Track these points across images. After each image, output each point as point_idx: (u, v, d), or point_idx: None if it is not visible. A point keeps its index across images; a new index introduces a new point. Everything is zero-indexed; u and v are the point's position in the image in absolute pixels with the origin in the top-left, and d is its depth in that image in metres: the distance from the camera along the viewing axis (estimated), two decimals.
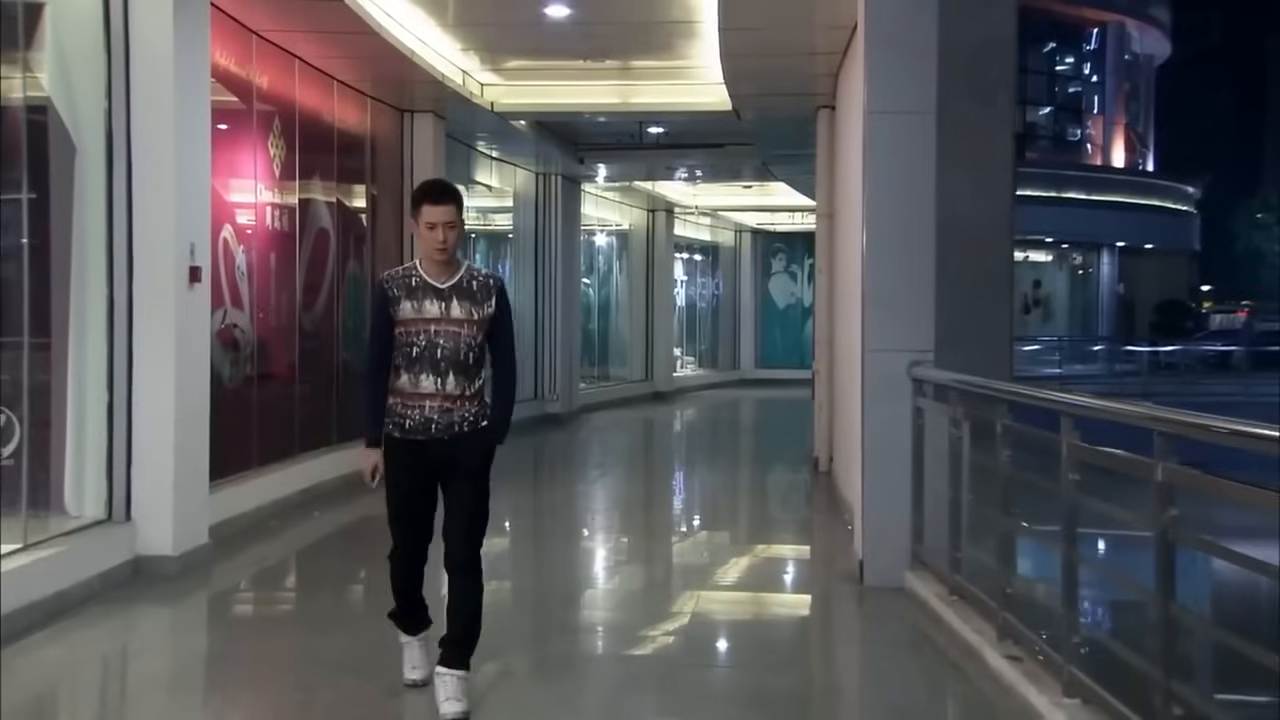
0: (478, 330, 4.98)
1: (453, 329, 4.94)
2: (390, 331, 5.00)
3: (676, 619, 7.24)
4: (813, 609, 7.92)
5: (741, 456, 17.56)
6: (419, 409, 4.95)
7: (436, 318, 4.94)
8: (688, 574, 8.79)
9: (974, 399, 6.39)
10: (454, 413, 4.96)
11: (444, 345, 4.93)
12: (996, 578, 5.89)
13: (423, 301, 4.95)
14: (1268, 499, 3.32)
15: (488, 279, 5.10)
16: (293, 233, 10.60)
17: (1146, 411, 4.09)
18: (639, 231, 24.79)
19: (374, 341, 5.08)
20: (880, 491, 7.61)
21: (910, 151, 7.49)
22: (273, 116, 10.20)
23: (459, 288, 4.99)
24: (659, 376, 24.62)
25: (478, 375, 5.02)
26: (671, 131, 15.89)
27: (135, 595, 7.25)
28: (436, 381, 4.94)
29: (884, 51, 7.62)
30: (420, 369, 4.94)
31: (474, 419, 5.02)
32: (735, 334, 30.16)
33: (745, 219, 28.80)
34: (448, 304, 4.95)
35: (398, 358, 4.99)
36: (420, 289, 4.97)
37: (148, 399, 7.63)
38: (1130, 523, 4.33)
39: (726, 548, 10.03)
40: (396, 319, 4.98)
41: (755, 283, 30.51)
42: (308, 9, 9.30)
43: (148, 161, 7.62)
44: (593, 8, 10.54)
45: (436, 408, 4.95)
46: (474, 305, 4.98)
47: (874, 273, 7.67)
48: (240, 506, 9.13)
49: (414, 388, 4.95)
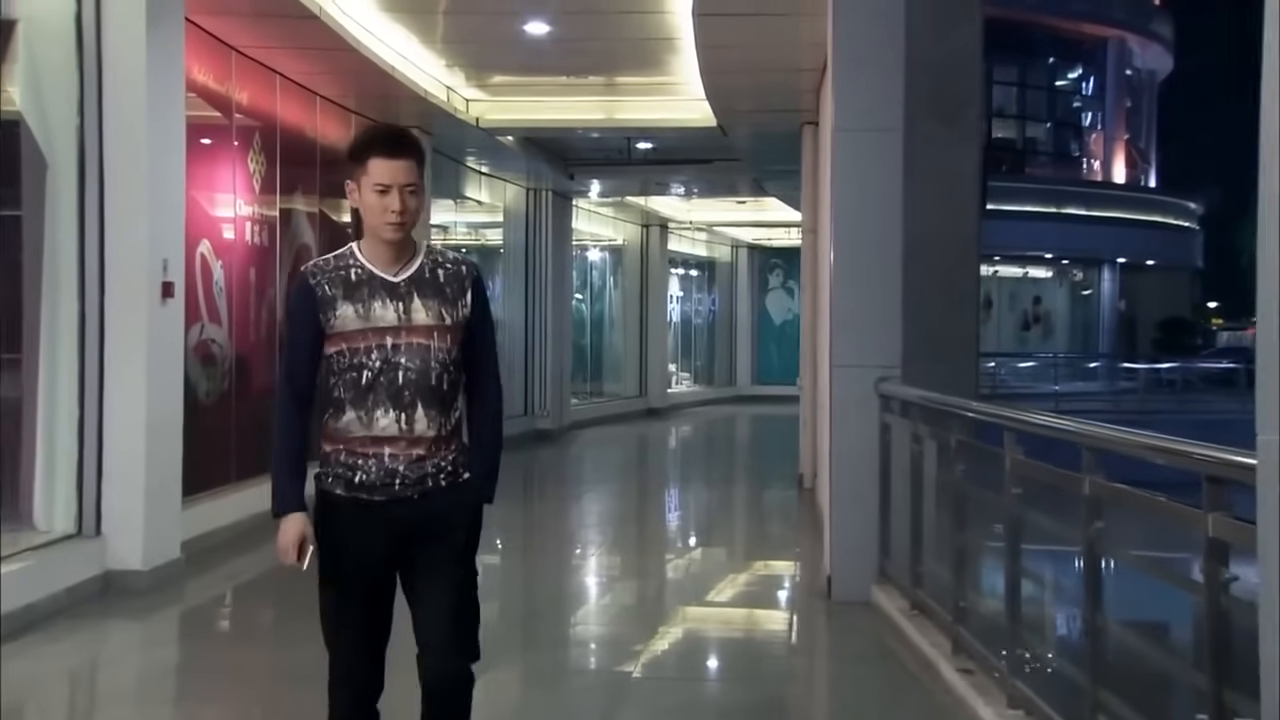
0: (452, 340, 3.53)
1: (418, 341, 3.48)
2: (318, 349, 3.52)
3: (643, 633, 7.27)
4: (780, 624, 7.94)
5: (730, 474, 17.57)
6: (376, 458, 3.48)
7: (393, 325, 3.47)
8: (662, 590, 8.82)
9: (933, 414, 6.43)
10: (427, 462, 3.50)
11: (407, 366, 3.47)
12: (951, 592, 5.93)
13: (370, 303, 3.48)
14: (1192, 515, 3.34)
15: (458, 264, 3.63)
16: (273, 247, 10.64)
17: (1073, 427, 4.14)
18: (633, 247, 24.85)
19: (292, 364, 3.55)
20: (848, 507, 7.64)
21: (877, 168, 7.53)
22: (253, 132, 10.26)
23: (420, 279, 3.53)
24: (653, 392, 24.65)
25: (454, 405, 3.59)
26: (660, 147, 15.95)
27: (104, 610, 7.27)
28: (400, 419, 3.47)
29: (851, 70, 7.68)
30: (375, 402, 3.46)
31: (453, 468, 3.56)
32: (731, 350, 30.18)
33: (741, 234, 28.86)
34: (407, 304, 3.49)
35: (337, 388, 3.50)
36: (365, 284, 3.49)
37: (119, 414, 7.66)
38: (1065, 537, 4.35)
39: (702, 565, 10.06)
40: (332, 331, 3.48)
41: (752, 298, 30.55)
42: (287, 26, 9.36)
43: (120, 177, 7.66)
44: (573, 25, 10.60)
45: (402, 456, 3.48)
46: (444, 304, 3.53)
47: (841, 289, 7.71)
48: (217, 521, 9.15)
49: (366, 429, 3.48)
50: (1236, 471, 2.99)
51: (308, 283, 3.54)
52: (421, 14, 10.54)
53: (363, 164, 3.49)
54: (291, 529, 3.46)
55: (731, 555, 10.55)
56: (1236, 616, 3.15)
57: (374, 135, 3.57)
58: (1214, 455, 3.16)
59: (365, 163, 3.48)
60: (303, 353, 3.56)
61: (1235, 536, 3.09)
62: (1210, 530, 3.21)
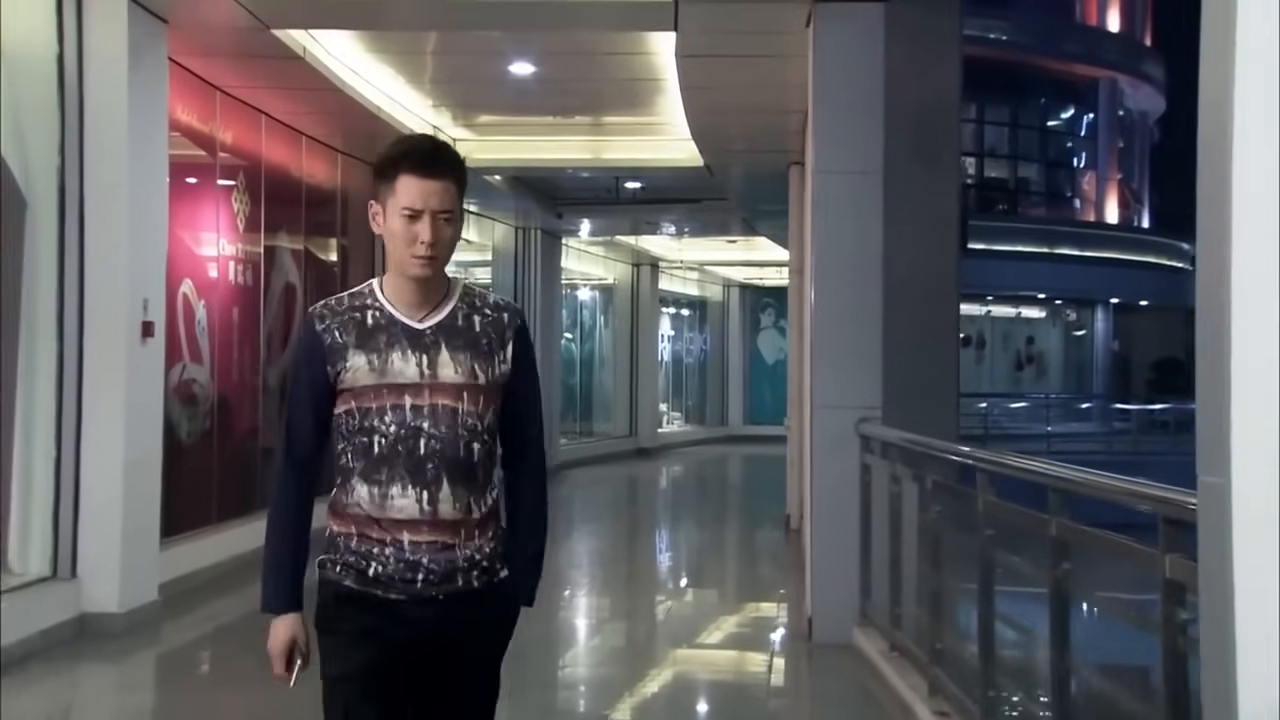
0: (484, 402, 2.92)
1: (443, 403, 2.87)
2: (327, 406, 2.94)
3: (627, 675, 7.21)
4: (761, 666, 7.88)
5: (718, 515, 17.50)
6: (393, 547, 2.86)
7: (414, 382, 2.87)
8: (646, 632, 8.77)
9: (909, 455, 6.41)
10: (457, 552, 2.88)
11: (430, 432, 2.86)
12: (928, 634, 5.90)
13: (388, 354, 2.88)
14: (1150, 556, 3.32)
15: (500, 310, 3.01)
16: (257, 287, 10.63)
17: (1037, 468, 4.14)
18: (623, 286, 24.87)
19: (293, 427, 2.99)
20: (829, 549, 7.61)
21: (857, 210, 7.55)
22: (237, 171, 10.26)
23: (450, 327, 2.93)
24: (643, 432, 24.60)
25: (489, 482, 2.96)
26: (649, 186, 15.98)
27: (79, 653, 7.21)
28: (421, 497, 2.85)
29: (832, 112, 7.72)
30: (390, 476, 2.86)
31: (488, 562, 2.94)
32: (723, 389, 30.12)
33: (733, 273, 28.89)
34: (432, 357, 2.89)
35: (345, 454, 2.92)
36: (383, 330, 2.91)
37: (96, 454, 7.62)
38: (1034, 578, 4.34)
39: (687, 607, 10.01)
40: (342, 386, 2.90)
41: (743, 338, 30.54)
42: (271, 67, 9.37)
43: (100, 217, 7.65)
44: (557, 65, 10.63)
45: (426, 545, 2.86)
46: (478, 358, 2.92)
47: (823, 329, 7.71)
48: (197, 563, 9.10)
49: (381, 509, 2.86)
50: (1189, 513, 2.97)
51: (314, 329, 2.94)
52: (407, 54, 10.56)
53: (390, 182, 2.89)
54: (282, 633, 2.94)
55: (716, 597, 10.50)
56: (1194, 658, 3.12)
57: (406, 148, 2.94)
58: (1168, 496, 3.16)
59: (393, 181, 2.88)
60: (305, 413, 2.96)
61: (1191, 578, 3.07)
62: (1167, 571, 3.20)
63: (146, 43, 7.92)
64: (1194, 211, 2.37)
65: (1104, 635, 4.41)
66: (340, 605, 2.91)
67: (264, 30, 8.44)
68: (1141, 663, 4.94)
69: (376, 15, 8.86)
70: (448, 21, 9.17)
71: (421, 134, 3.38)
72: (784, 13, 7.92)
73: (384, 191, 2.90)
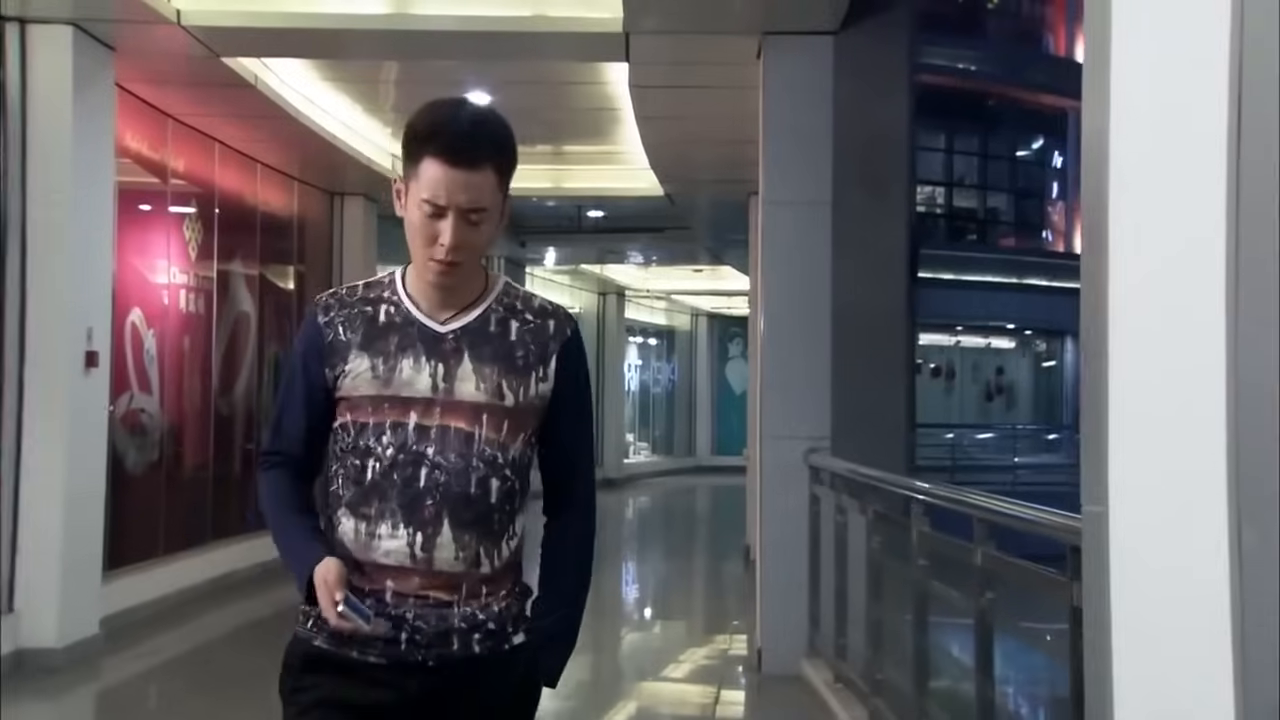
0: (511, 429, 2.36)
1: (456, 425, 2.33)
2: (324, 414, 2.41)
3: (571, 706, 7.13)
4: (707, 698, 7.82)
5: (680, 547, 17.45)
6: (377, 597, 2.32)
7: (423, 397, 2.33)
8: (595, 663, 8.67)
9: (853, 486, 6.38)
10: (453, 611, 2.33)
11: (436, 461, 2.32)
12: (869, 664, 5.87)
13: (398, 359, 2.35)
14: (1060, 584, 3.32)
15: (546, 315, 2.45)
16: (209, 315, 10.55)
17: (963, 498, 4.13)
18: (589, 315, 24.83)
19: (286, 425, 2.46)
20: (779, 580, 7.57)
21: (806, 241, 7.54)
22: (189, 198, 10.20)
23: (479, 332, 2.38)
24: (609, 463, 24.50)
25: (508, 530, 2.41)
26: (611, 216, 15.96)
27: (15, 690, 7.05)
28: (414, 540, 2.31)
29: (781, 143, 7.71)
30: (380, 510, 2.32)
31: (497, 626, 2.37)
32: (691, 420, 30.09)
33: (701, 302, 28.91)
34: (450, 368, 2.34)
35: (336, 477, 2.40)
36: (396, 330, 2.37)
37: (36, 485, 7.50)
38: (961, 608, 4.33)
39: (639, 639, 9.98)
40: (339, 392, 2.38)
41: (711, 367, 30.53)
42: (222, 94, 9.31)
43: (42, 246, 7.56)
44: (513, 95, 10.57)
45: (414, 599, 2.32)
46: (508, 373, 2.37)
47: (771, 359, 7.69)
48: (141, 595, 8.98)
49: (366, 549, 2.33)
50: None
51: (316, 321, 2.41)
52: (362, 83, 10.52)
53: (414, 163, 2.31)
54: (322, 595, 2.28)
55: (670, 629, 10.44)
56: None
57: (437, 121, 2.32)
58: (1073, 525, 3.14)
59: (417, 162, 2.30)
60: (298, 417, 2.43)
61: None
62: (1074, 599, 3.19)
63: (93, 70, 7.86)
64: None
65: (1043, 666, 4.40)
66: (306, 671, 2.36)
67: (214, 58, 8.39)
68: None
69: (330, 45, 8.79)
70: (401, 52, 9.15)
71: (459, 101, 2.42)
72: (734, 44, 7.91)
73: (408, 170, 2.33)
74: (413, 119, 2.36)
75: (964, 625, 5.33)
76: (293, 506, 2.45)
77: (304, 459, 2.46)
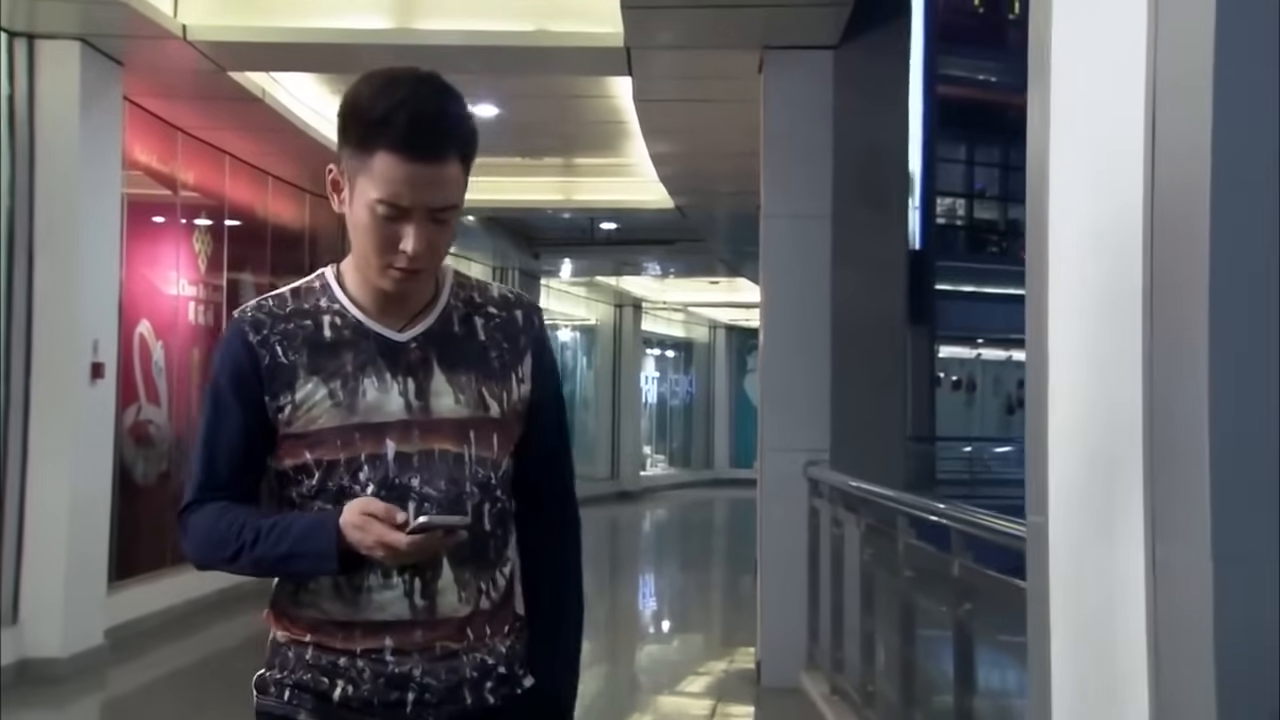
0: (501, 443, 2.07)
1: (443, 447, 2.01)
2: (259, 453, 2.04)
3: None
4: (705, 711, 7.83)
5: (695, 559, 17.46)
6: (369, 659, 1.99)
7: (399, 419, 2.00)
8: (597, 674, 8.69)
9: (849, 498, 6.39)
10: (462, 660, 2.03)
11: (427, 493, 1.99)
12: (863, 676, 5.89)
13: (359, 379, 2.00)
14: None
15: (509, 306, 2.14)
16: (219, 327, 10.61)
17: (944, 509, 4.15)
18: (606, 327, 24.88)
19: (218, 467, 2.04)
20: (777, 592, 7.58)
21: (806, 254, 7.56)
22: (200, 210, 10.28)
23: (445, 337, 2.06)
24: (625, 475, 24.51)
25: (503, 556, 2.11)
26: (624, 228, 16.01)
27: (20, 699, 7.12)
28: (413, 589, 1.99)
29: (780, 156, 7.74)
30: (370, 562, 1.96)
31: (507, 669, 2.10)
32: (709, 432, 30.03)
33: (719, 314, 28.89)
34: (422, 382, 2.02)
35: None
36: (348, 346, 2.03)
37: (41, 497, 7.57)
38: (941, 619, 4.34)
39: (646, 651, 9.99)
40: (289, 428, 2.00)
41: (729, 379, 30.48)
42: (230, 108, 9.38)
43: (50, 259, 7.63)
44: (521, 108, 10.65)
45: (418, 653, 2.00)
46: (487, 380, 2.06)
47: (771, 372, 7.71)
48: (148, 606, 9.04)
49: (354, 607, 1.99)
50: None
51: (246, 341, 2.01)
52: None
53: (362, 153, 1.92)
54: (376, 530, 1.89)
55: (677, 642, 10.47)
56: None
57: (391, 105, 1.91)
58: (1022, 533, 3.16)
59: (368, 154, 1.91)
60: (232, 461, 2.03)
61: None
62: None
63: (101, 85, 7.93)
64: None
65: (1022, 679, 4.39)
66: None
67: (221, 73, 8.46)
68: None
69: (335, 60, 8.84)
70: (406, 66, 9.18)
71: (414, 75, 1.99)
72: (736, 59, 7.93)
73: (352, 162, 1.93)
74: (357, 96, 1.95)
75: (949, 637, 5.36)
76: (254, 513, 2.02)
77: (238, 496, 2.04)
